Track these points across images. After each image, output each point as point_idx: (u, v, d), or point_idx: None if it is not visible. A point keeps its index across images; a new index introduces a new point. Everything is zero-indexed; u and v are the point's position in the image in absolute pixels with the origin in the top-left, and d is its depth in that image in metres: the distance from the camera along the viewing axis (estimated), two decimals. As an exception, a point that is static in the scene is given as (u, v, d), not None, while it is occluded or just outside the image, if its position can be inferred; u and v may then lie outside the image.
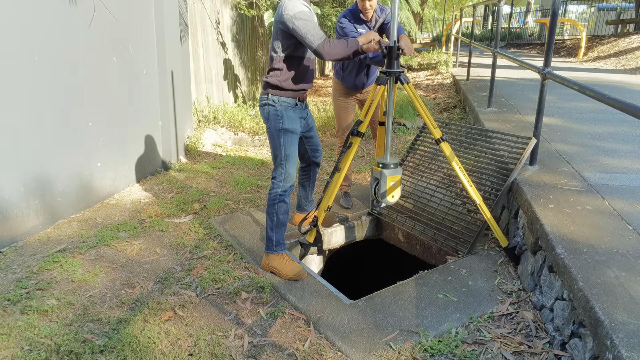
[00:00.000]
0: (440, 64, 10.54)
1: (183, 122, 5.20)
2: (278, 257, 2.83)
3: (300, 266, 2.82)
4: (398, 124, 6.28)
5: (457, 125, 3.75)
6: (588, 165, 3.28)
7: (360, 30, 3.41)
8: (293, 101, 2.75)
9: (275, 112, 2.71)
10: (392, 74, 2.73)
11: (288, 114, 2.73)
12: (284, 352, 2.19)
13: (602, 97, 2.14)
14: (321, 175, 4.77)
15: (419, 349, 2.15)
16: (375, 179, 2.82)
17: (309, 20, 2.53)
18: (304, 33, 2.52)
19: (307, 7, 2.61)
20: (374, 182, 2.84)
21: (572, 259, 2.10)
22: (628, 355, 1.53)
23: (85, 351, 2.13)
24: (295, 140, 2.79)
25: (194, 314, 2.46)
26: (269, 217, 2.81)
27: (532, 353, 2.12)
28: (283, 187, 2.78)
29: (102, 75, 3.79)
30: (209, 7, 6.71)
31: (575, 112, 4.92)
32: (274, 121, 2.73)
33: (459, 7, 14.15)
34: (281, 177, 2.78)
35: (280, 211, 2.79)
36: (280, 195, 2.78)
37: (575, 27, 18.28)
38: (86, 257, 2.98)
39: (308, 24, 2.52)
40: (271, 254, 2.84)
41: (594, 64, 9.80)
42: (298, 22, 2.51)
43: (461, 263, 2.90)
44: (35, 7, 3.09)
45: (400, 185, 2.82)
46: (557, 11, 3.03)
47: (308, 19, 2.53)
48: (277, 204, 2.79)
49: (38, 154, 3.21)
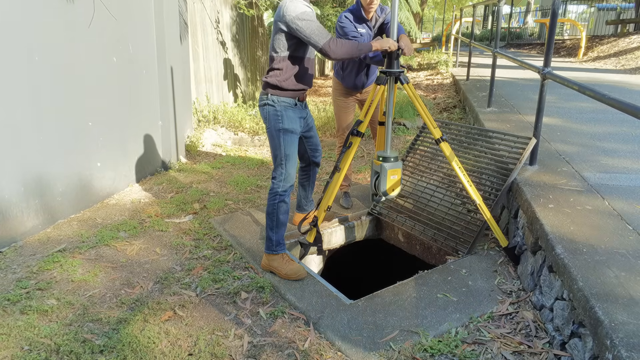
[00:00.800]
0: (440, 64, 10.54)
1: (183, 122, 5.20)
2: (278, 257, 2.83)
3: (301, 266, 2.82)
4: (398, 124, 6.28)
5: (457, 125, 3.75)
6: (588, 165, 3.28)
7: (360, 30, 3.41)
8: (293, 101, 2.74)
9: (275, 112, 2.71)
10: (392, 74, 2.73)
11: (288, 113, 2.72)
12: (284, 352, 2.19)
13: (602, 97, 2.14)
14: (321, 175, 4.77)
15: (419, 348, 2.15)
16: (375, 173, 2.81)
17: (312, 21, 2.53)
18: (308, 34, 2.51)
19: (309, 7, 2.61)
20: (374, 176, 2.83)
21: (572, 259, 2.10)
22: (628, 355, 1.53)
23: (85, 351, 2.13)
24: (295, 140, 2.79)
25: (194, 314, 2.46)
26: (269, 217, 2.81)
27: (532, 353, 2.12)
28: (283, 187, 2.78)
29: (102, 75, 3.79)
30: (209, 6, 6.71)
31: (575, 112, 4.92)
32: (273, 121, 2.72)
33: (458, 7, 14.16)
34: (281, 177, 2.77)
35: (280, 211, 2.79)
36: (281, 195, 2.78)
37: (575, 27, 18.29)
38: (86, 257, 2.98)
39: (312, 24, 2.52)
40: (271, 254, 2.84)
41: (593, 64, 9.80)
42: (301, 22, 2.51)
43: (461, 263, 2.90)
44: (35, 7, 3.09)
45: (401, 179, 2.81)
46: (557, 11, 3.03)
47: (311, 19, 2.54)
48: (277, 204, 2.78)
49: (38, 154, 3.21)
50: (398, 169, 2.76)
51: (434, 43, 14.16)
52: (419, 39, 14.65)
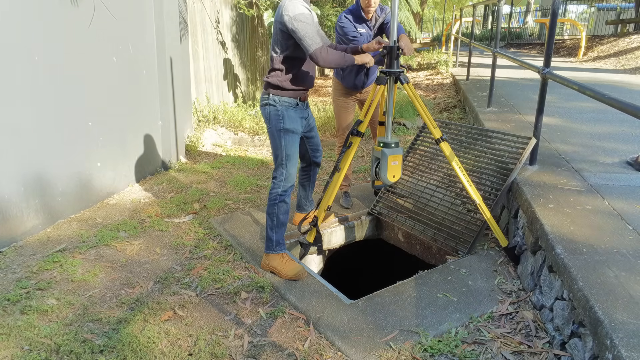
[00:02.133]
0: (440, 63, 10.54)
1: (183, 122, 5.20)
2: (278, 257, 2.83)
3: (300, 266, 2.81)
4: (398, 123, 6.28)
5: (457, 125, 3.75)
6: (588, 165, 3.28)
7: (360, 30, 3.41)
8: (294, 101, 2.74)
9: (276, 112, 2.71)
10: (392, 73, 2.73)
11: (289, 113, 2.72)
12: (284, 352, 2.19)
13: (602, 97, 2.14)
14: (321, 175, 4.77)
15: (419, 348, 2.15)
16: (376, 159, 2.80)
17: (307, 23, 2.53)
18: (302, 35, 2.51)
19: (308, 9, 2.61)
20: (374, 162, 2.82)
21: (572, 259, 2.10)
22: (628, 355, 1.53)
23: (85, 351, 2.13)
24: (296, 140, 2.78)
25: (194, 313, 2.46)
26: (269, 217, 2.81)
27: (532, 353, 2.12)
28: (284, 187, 2.78)
29: (101, 75, 3.79)
30: (209, 6, 6.71)
31: (575, 112, 4.92)
32: (274, 121, 2.72)
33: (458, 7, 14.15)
34: (282, 176, 2.77)
35: (280, 211, 2.79)
36: (281, 195, 2.77)
37: (575, 27, 18.28)
38: (86, 257, 2.98)
39: (307, 27, 2.52)
40: (271, 254, 2.84)
41: (593, 64, 9.80)
42: (297, 24, 2.51)
43: (461, 263, 2.90)
44: (35, 7, 3.09)
45: (402, 165, 2.80)
46: (557, 11, 3.03)
47: (307, 22, 2.53)
48: (277, 203, 2.78)
49: (38, 154, 3.21)
50: (399, 155, 2.73)
51: (434, 43, 14.16)
52: (419, 39, 14.65)
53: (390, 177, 2.74)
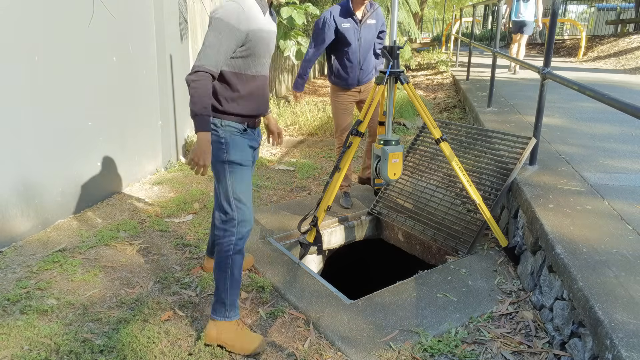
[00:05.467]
0: (440, 63, 10.55)
1: (182, 122, 5.19)
2: (232, 326, 2.18)
3: (258, 335, 2.20)
4: (398, 123, 6.28)
5: (456, 125, 3.75)
6: (588, 165, 3.28)
7: (344, 25, 3.43)
8: (241, 126, 2.16)
9: (217, 139, 2.12)
10: (392, 73, 2.73)
11: (234, 141, 2.14)
12: (284, 352, 2.19)
13: (602, 97, 2.14)
14: (321, 175, 4.77)
15: (419, 348, 2.16)
16: (376, 157, 2.79)
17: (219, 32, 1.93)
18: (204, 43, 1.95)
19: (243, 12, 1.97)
20: (375, 160, 2.81)
21: (572, 259, 2.10)
22: (628, 355, 1.53)
23: (85, 351, 2.13)
24: (246, 173, 2.19)
25: (194, 313, 2.46)
26: (221, 274, 2.16)
27: (532, 353, 2.12)
28: (239, 234, 2.15)
29: (101, 75, 3.79)
30: (209, 6, 6.71)
31: (575, 112, 4.92)
32: (215, 150, 2.12)
33: (458, 7, 14.16)
34: (233, 222, 2.14)
35: (236, 265, 2.16)
36: (236, 244, 2.15)
37: (575, 27, 18.29)
38: (86, 257, 2.98)
39: (217, 36, 1.93)
40: (222, 322, 2.17)
41: (593, 64, 9.80)
42: (210, 27, 1.95)
43: (461, 263, 2.90)
44: (34, 7, 3.09)
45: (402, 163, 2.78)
46: (557, 11, 3.03)
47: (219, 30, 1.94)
48: (231, 256, 2.14)
49: (38, 154, 3.21)
50: (399, 152, 2.71)
51: (433, 43, 14.17)
52: (419, 39, 14.65)
53: (391, 174, 2.73)
